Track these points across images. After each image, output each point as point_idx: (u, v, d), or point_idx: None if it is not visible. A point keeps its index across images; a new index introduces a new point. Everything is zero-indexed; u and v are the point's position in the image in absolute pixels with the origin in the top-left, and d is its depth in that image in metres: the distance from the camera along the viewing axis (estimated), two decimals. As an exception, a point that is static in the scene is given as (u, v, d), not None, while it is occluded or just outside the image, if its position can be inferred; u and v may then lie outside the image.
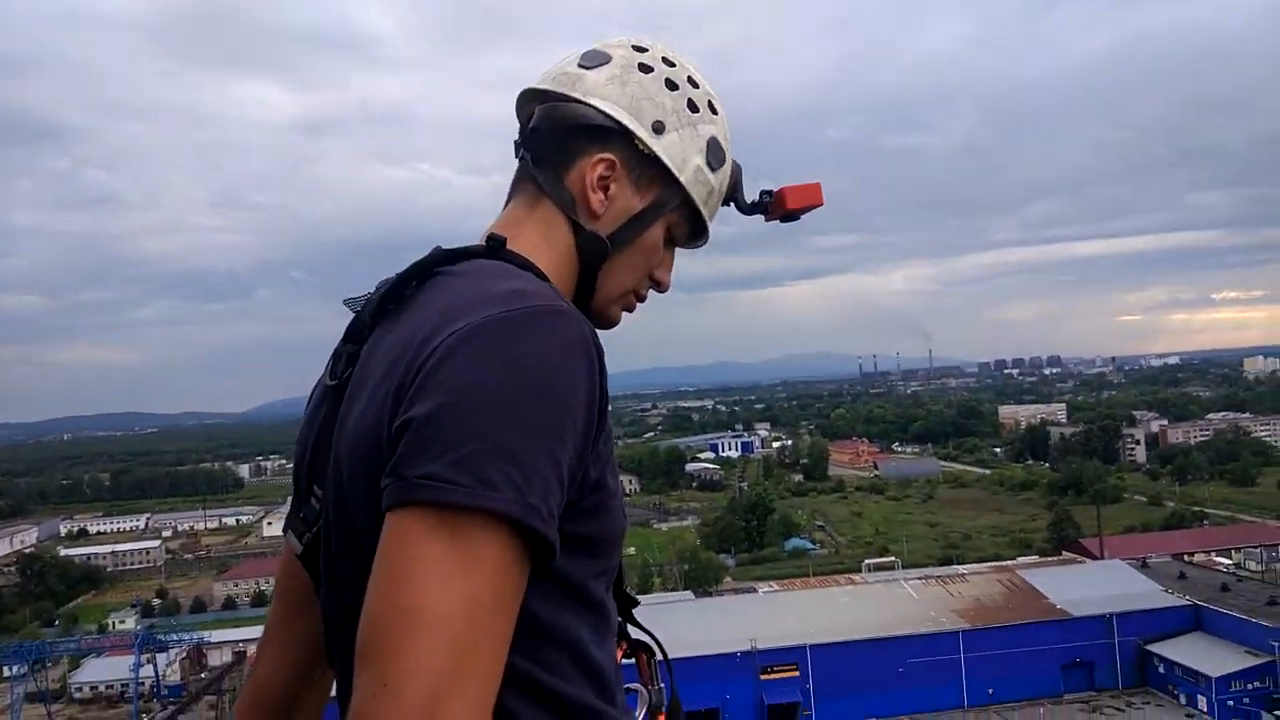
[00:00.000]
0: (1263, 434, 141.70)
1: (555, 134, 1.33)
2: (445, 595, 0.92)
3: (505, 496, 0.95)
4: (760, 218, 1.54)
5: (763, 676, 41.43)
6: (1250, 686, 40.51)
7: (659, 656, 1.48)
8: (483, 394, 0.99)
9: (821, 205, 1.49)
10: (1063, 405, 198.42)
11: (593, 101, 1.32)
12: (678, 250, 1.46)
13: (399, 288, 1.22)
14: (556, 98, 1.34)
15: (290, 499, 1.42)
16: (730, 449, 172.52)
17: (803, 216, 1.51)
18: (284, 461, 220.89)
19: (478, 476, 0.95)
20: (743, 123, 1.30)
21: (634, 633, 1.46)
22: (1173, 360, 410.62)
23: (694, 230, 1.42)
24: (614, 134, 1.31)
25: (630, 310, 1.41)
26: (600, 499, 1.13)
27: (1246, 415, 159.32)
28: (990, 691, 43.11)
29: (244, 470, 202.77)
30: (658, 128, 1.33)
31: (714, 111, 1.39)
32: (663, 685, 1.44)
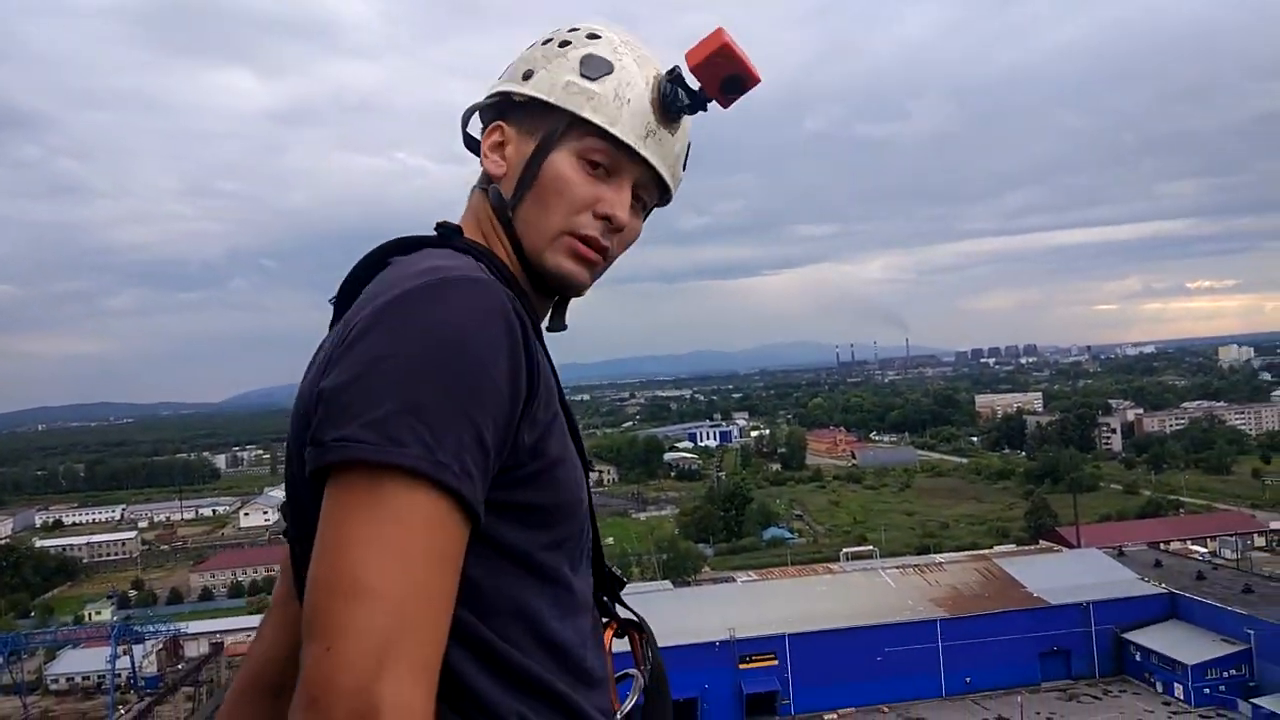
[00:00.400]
0: (1237, 422, 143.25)
1: (466, 135, 1.45)
2: (376, 556, 0.94)
3: (413, 452, 0.97)
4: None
5: (741, 666, 41.46)
6: (1226, 674, 40.85)
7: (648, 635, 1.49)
8: (395, 359, 1.01)
9: (725, 45, 1.32)
10: (1039, 394, 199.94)
11: (487, 93, 1.42)
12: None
13: (355, 279, 1.28)
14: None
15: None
16: (708, 438, 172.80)
17: (744, 83, 1.36)
18: (260, 451, 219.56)
19: (386, 435, 0.97)
20: (715, 111, 1.26)
21: (622, 613, 1.48)
22: (1148, 349, 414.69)
23: (616, 146, 1.34)
24: (498, 105, 1.39)
25: (584, 257, 1.35)
26: (541, 466, 1.14)
27: (1221, 404, 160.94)
28: (968, 680, 43.31)
29: (220, 461, 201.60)
30: (527, 75, 1.36)
31: (595, 38, 1.37)
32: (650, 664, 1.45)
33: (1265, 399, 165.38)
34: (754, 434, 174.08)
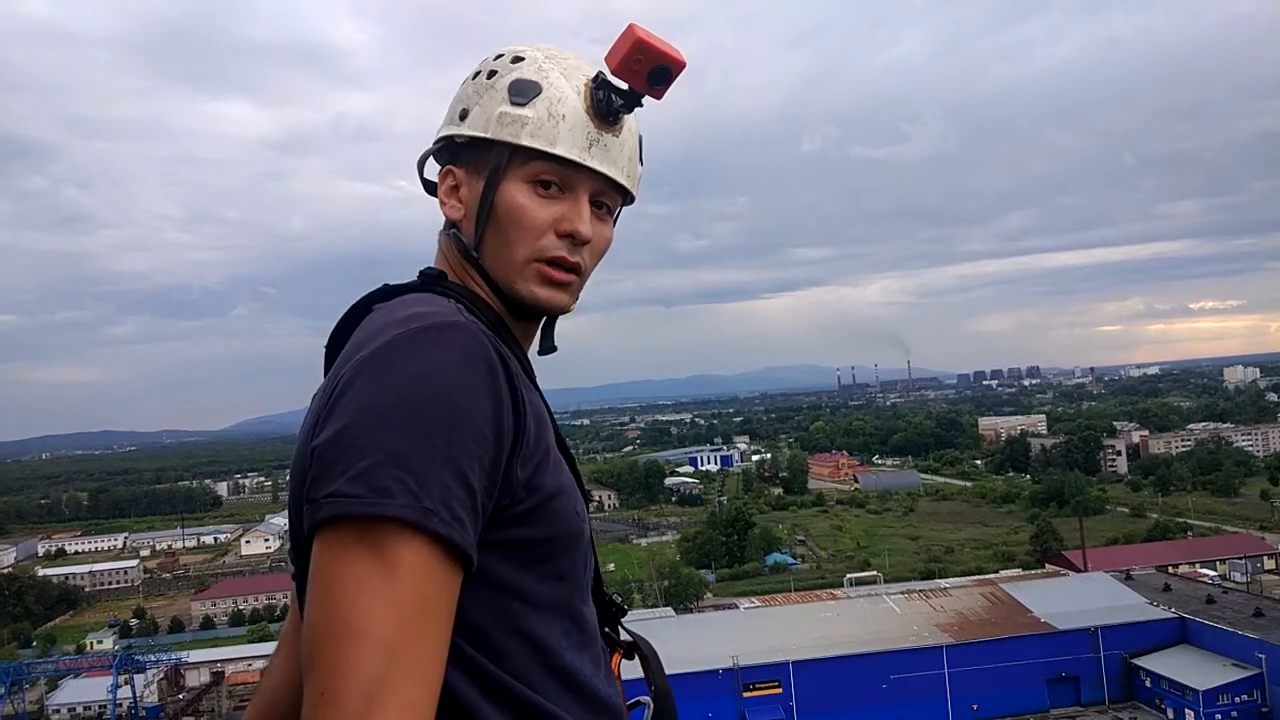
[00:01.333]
0: (1244, 443, 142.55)
1: (422, 179, 1.46)
2: (366, 603, 0.97)
3: (400, 502, 0.99)
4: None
5: (745, 694, 40.98)
6: (1238, 700, 40.35)
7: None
8: (377, 411, 1.04)
9: (641, 40, 1.29)
10: (1042, 416, 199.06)
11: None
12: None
13: (343, 327, 1.32)
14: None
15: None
16: (709, 463, 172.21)
17: (670, 72, 1.33)
18: (262, 479, 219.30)
19: (372, 486, 1.00)
20: (711, 132, 1.21)
21: (625, 637, 1.50)
22: (1152, 370, 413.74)
23: (562, 164, 1.33)
24: (444, 149, 1.41)
25: (555, 281, 1.35)
26: (538, 501, 1.17)
27: (1227, 425, 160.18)
28: (975, 707, 42.80)
29: (222, 488, 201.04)
30: (463, 114, 1.37)
31: (518, 61, 1.37)
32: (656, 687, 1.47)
33: (1272, 420, 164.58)
34: (755, 458, 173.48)
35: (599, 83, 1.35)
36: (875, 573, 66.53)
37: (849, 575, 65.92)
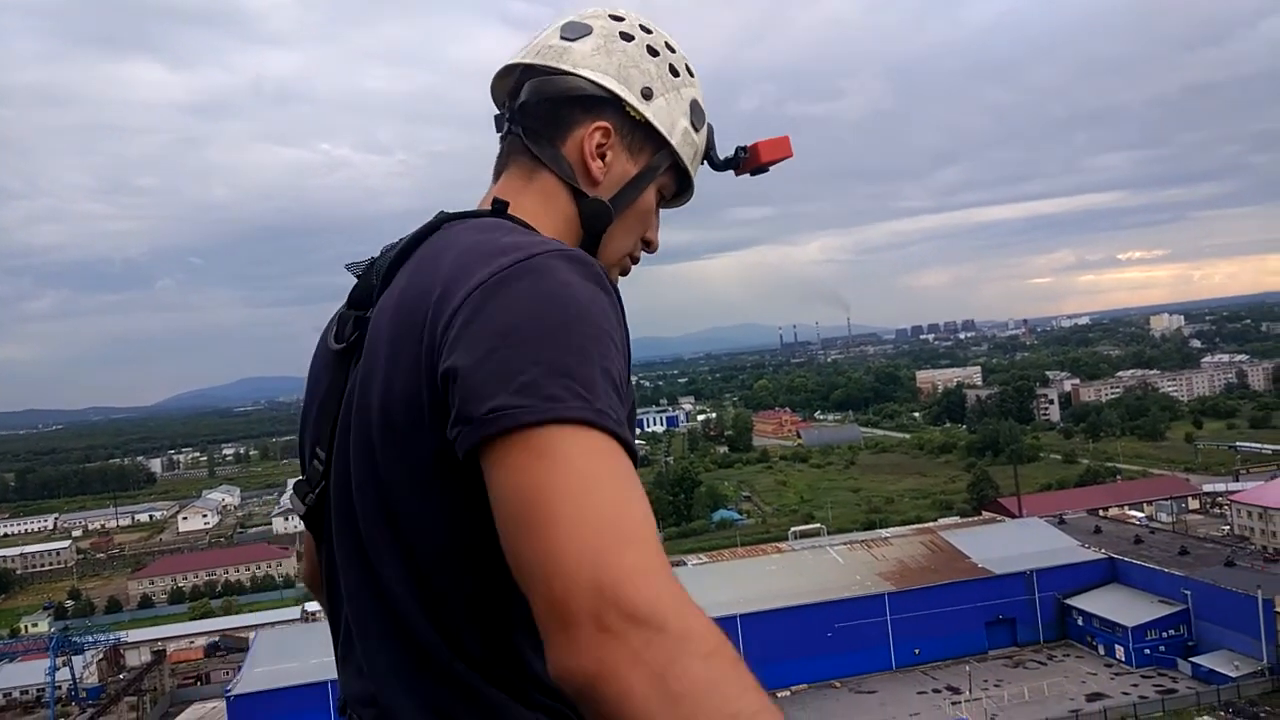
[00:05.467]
0: (1169, 389, 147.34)
1: (548, 106, 1.36)
2: (576, 489, 0.91)
3: (574, 404, 0.95)
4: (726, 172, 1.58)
5: (694, 649, 41.34)
6: (1165, 635, 41.89)
7: None
8: (527, 328, 1.01)
9: (791, 157, 1.54)
10: (978, 368, 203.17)
11: (583, 72, 1.35)
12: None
13: (407, 250, 1.26)
14: (545, 71, 1.37)
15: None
16: (655, 424, 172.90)
17: (771, 169, 1.56)
18: (197, 454, 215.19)
19: (543, 396, 0.95)
20: None
21: None
22: (1083, 320, 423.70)
23: (679, 189, 1.48)
24: (606, 103, 1.35)
25: (625, 274, 1.47)
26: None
27: (1154, 372, 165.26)
28: (917, 652, 43.85)
29: (156, 465, 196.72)
30: (646, 94, 1.37)
31: (691, 75, 1.45)
32: None
33: (1195, 366, 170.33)
34: (700, 418, 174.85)
35: (739, 149, 1.52)
36: (819, 525, 67.53)
37: (793, 529, 66.83)
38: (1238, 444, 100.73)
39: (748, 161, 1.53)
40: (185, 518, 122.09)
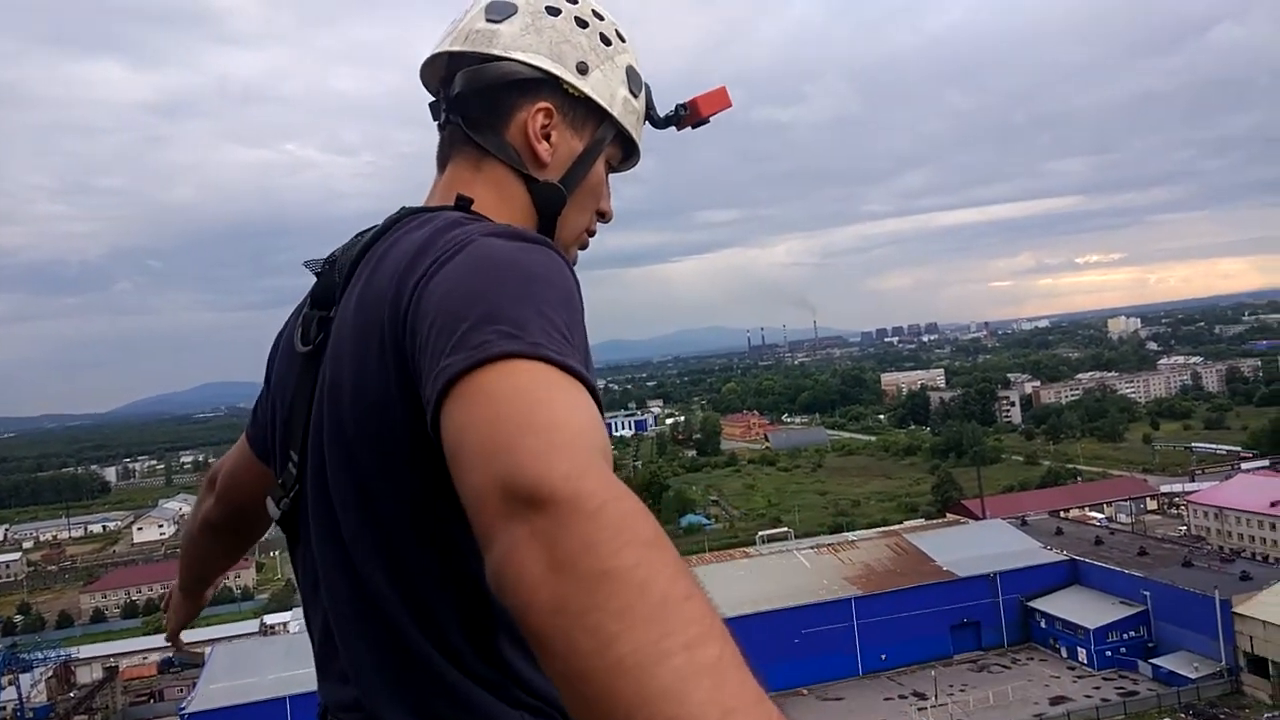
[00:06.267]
0: (1127, 391, 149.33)
1: (485, 94, 1.34)
2: (550, 404, 0.89)
3: (501, 343, 0.93)
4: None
5: (660, 657, 40.97)
6: (1126, 636, 42.14)
7: None
8: (459, 292, 1.00)
9: (730, 107, 1.55)
10: (941, 370, 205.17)
11: (515, 55, 1.33)
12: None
13: (367, 247, 1.24)
14: (476, 59, 1.34)
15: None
16: (624, 428, 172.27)
17: (711, 119, 1.57)
18: (154, 462, 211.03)
19: (470, 345, 0.94)
20: None
21: None
22: (1042, 323, 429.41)
23: (625, 155, 1.48)
24: (543, 83, 1.33)
25: (585, 248, 1.47)
26: None
27: (1112, 374, 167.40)
28: (883, 657, 43.76)
29: (110, 474, 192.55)
30: (581, 68, 1.35)
31: (623, 40, 1.43)
32: None
33: (1152, 368, 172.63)
34: (669, 421, 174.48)
35: (679, 106, 1.53)
36: (786, 529, 67.51)
37: (761, 533, 66.76)
38: (1194, 445, 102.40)
39: (688, 117, 1.54)
40: (140, 528, 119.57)
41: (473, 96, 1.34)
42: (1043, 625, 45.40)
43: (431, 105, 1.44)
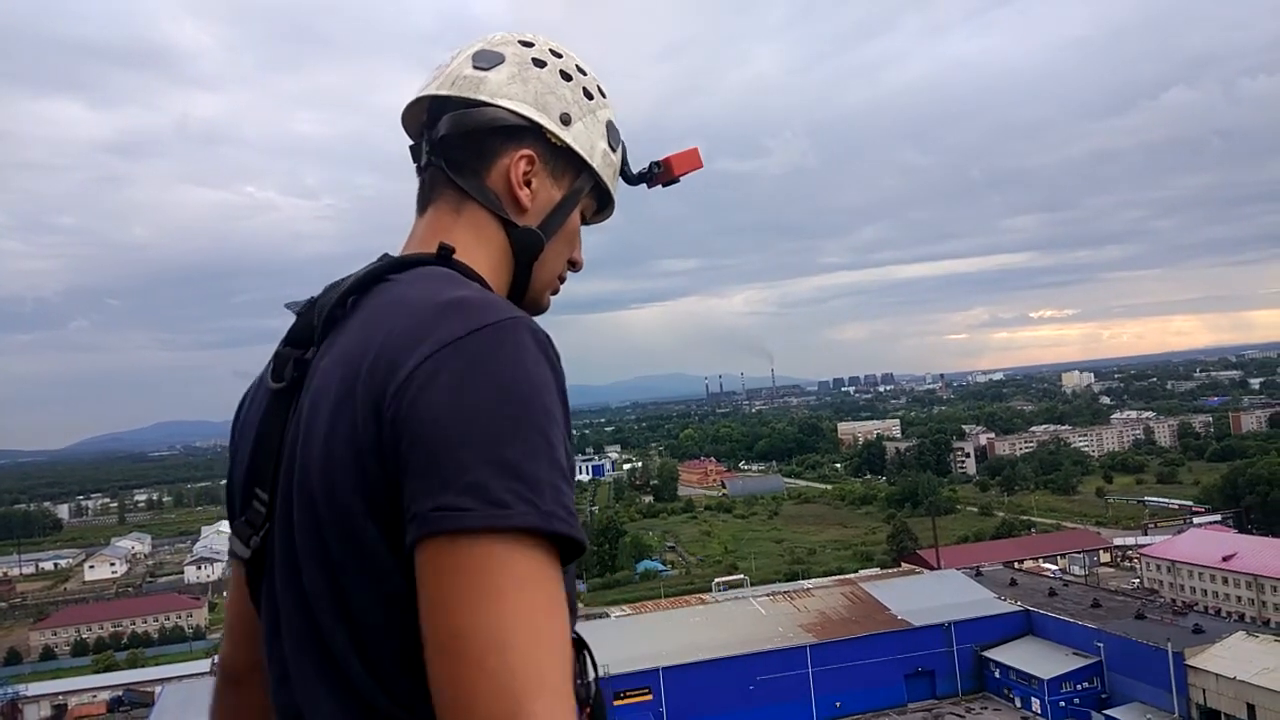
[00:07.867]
0: (1081, 444, 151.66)
1: (470, 137, 1.36)
2: (497, 614, 0.93)
3: (519, 510, 0.97)
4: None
5: (616, 702, 40.82)
6: (1080, 687, 42.63)
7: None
8: (475, 418, 1.00)
9: (701, 168, 1.63)
10: (897, 421, 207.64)
11: (501, 102, 1.36)
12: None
13: (351, 294, 1.24)
14: (461, 102, 1.37)
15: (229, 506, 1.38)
16: (582, 473, 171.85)
17: (681, 179, 1.64)
18: (107, 500, 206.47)
19: (488, 499, 0.96)
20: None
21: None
22: (997, 376, 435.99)
23: (599, 207, 1.52)
24: (527, 131, 1.37)
25: (556, 294, 1.50)
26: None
27: (1066, 427, 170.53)
28: (838, 705, 43.92)
29: (63, 511, 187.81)
30: (565, 119, 1.40)
31: (604, 96, 1.49)
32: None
33: (1105, 421, 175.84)
34: (626, 467, 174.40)
35: (653, 164, 1.61)
36: (742, 576, 67.71)
37: (717, 579, 66.84)
38: (1146, 498, 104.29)
39: (661, 175, 1.60)
40: (92, 566, 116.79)
41: (458, 139, 1.36)
42: (997, 675, 45.86)
43: (412, 148, 1.45)
